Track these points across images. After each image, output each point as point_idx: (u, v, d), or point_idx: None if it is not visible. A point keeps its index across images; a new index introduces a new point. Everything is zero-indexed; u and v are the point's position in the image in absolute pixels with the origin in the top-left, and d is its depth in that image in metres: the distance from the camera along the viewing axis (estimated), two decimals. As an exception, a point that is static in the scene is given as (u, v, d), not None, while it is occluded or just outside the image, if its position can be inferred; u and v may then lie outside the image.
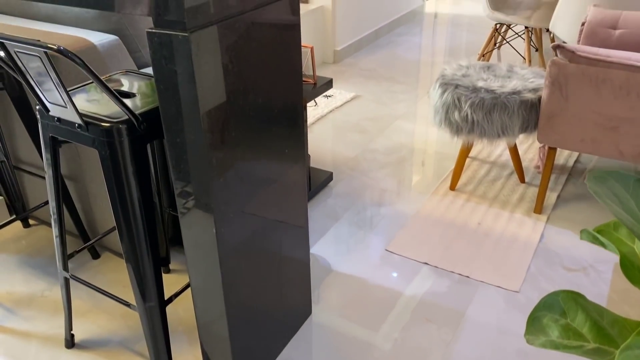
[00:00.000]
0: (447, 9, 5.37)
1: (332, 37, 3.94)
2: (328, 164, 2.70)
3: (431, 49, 4.30)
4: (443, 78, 2.35)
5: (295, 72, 1.50)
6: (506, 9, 3.35)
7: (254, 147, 1.39)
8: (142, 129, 1.34)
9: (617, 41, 2.44)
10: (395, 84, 3.65)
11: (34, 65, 1.25)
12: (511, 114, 2.19)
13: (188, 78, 1.14)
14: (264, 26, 1.32)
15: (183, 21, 1.09)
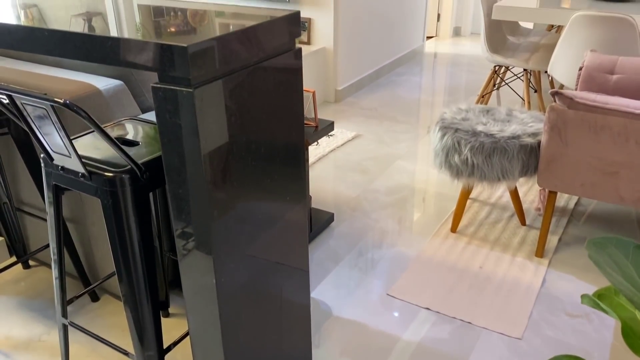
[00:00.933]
0: (447, 49, 5.46)
1: (333, 76, 4.00)
2: (329, 205, 2.71)
3: (431, 89, 4.36)
4: (443, 121, 2.38)
5: (297, 116, 1.52)
6: (504, 52, 3.41)
7: (255, 189, 1.40)
8: (144, 178, 1.35)
9: (615, 86, 2.48)
10: (396, 123, 3.68)
11: (40, 117, 1.27)
12: (511, 158, 2.21)
13: (191, 131, 1.16)
14: (268, 76, 1.34)
15: (188, 77, 1.11)
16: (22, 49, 1.32)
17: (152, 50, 1.12)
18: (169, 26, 1.26)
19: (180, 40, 1.11)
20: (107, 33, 1.31)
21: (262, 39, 1.29)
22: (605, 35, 2.64)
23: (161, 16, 1.38)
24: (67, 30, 1.22)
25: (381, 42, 4.50)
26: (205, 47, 1.12)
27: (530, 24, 4.86)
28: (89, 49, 1.20)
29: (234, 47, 1.20)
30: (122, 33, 1.26)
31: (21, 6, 1.87)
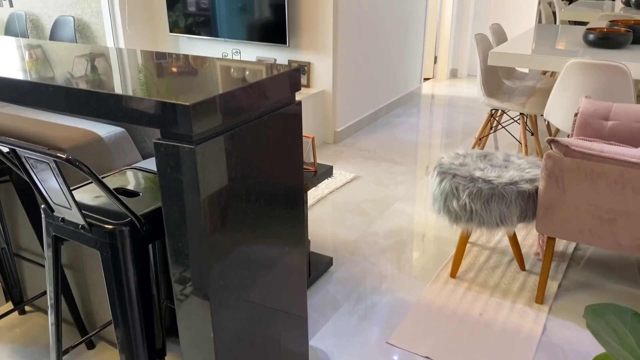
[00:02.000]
0: (444, 91, 5.55)
1: (332, 118, 4.05)
2: (328, 248, 2.70)
3: (429, 130, 4.40)
4: (441, 166, 2.40)
5: (297, 163, 1.53)
6: (501, 96, 3.46)
7: (254, 234, 1.40)
8: (144, 230, 1.35)
9: (610, 132, 2.51)
10: (394, 165, 3.71)
11: (42, 170, 1.29)
12: (509, 204, 2.22)
13: (192, 187, 1.17)
14: (269, 129, 1.37)
15: (190, 134, 1.13)
16: (27, 104, 1.34)
17: (155, 107, 1.14)
18: (171, 75, 1.29)
19: (183, 95, 1.14)
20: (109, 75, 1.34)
21: (264, 94, 1.31)
22: (599, 82, 2.69)
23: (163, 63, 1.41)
24: (71, 87, 1.25)
25: (379, 84, 4.58)
26: (208, 105, 1.14)
27: (525, 69, 4.96)
28: (92, 106, 1.22)
29: (236, 103, 1.22)
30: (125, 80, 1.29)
31: (26, 47, 1.91)
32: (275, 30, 3.85)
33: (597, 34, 3.03)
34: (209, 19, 4.09)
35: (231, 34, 4.04)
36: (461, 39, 5.85)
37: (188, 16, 4.16)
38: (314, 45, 3.90)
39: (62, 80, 1.31)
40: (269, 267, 1.49)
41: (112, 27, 4.30)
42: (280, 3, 3.73)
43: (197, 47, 4.46)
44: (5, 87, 1.37)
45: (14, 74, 1.38)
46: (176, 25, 4.25)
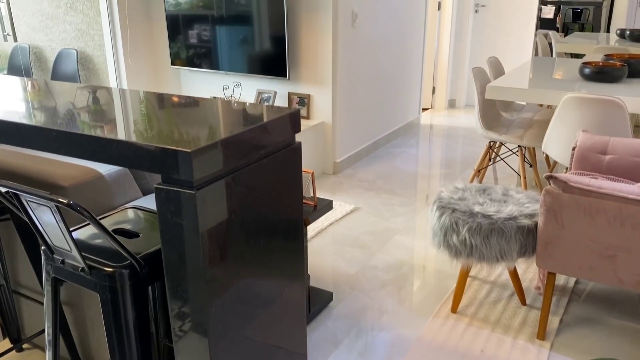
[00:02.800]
0: (442, 121, 5.59)
1: (332, 149, 4.07)
2: (328, 282, 2.69)
3: (428, 161, 4.43)
4: (440, 201, 2.41)
5: (296, 198, 1.54)
6: (499, 128, 3.49)
7: (253, 271, 1.40)
8: (144, 273, 1.35)
9: (608, 166, 2.53)
10: (394, 196, 3.72)
11: (43, 212, 1.29)
12: (509, 239, 2.22)
13: (192, 231, 1.18)
14: (269, 170, 1.38)
15: (191, 180, 1.14)
16: (30, 146, 1.36)
17: (156, 153, 1.15)
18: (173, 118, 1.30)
19: (185, 140, 1.15)
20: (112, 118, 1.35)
21: (265, 136, 1.33)
22: (596, 116, 2.72)
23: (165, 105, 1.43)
24: (74, 131, 1.26)
25: (378, 115, 4.62)
26: (209, 150, 1.15)
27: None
28: (95, 150, 1.24)
29: (237, 147, 1.24)
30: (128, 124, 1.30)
31: (28, 88, 1.94)
32: (276, 63, 3.90)
33: (593, 68, 3.08)
34: (210, 51, 4.15)
35: (232, 66, 4.10)
36: (459, 70, 5.92)
37: (189, 48, 4.22)
38: (314, 78, 3.95)
39: (65, 124, 1.33)
40: (269, 303, 1.49)
41: (115, 59, 4.36)
42: (281, 36, 3.79)
43: (198, 80, 4.51)
44: (8, 130, 1.39)
45: (16, 117, 1.40)
46: (178, 57, 4.30)
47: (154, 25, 4.48)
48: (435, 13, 5.59)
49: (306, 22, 3.85)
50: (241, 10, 3.89)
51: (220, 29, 4.04)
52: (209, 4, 4.01)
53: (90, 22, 4.64)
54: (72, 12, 4.69)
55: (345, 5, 3.85)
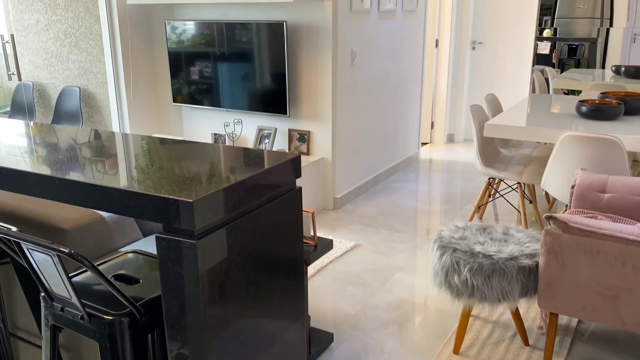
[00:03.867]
0: (441, 156, 5.63)
1: (332, 185, 4.08)
2: (328, 322, 2.66)
3: (428, 196, 4.44)
4: (441, 240, 2.41)
5: (297, 240, 1.54)
6: (498, 165, 3.51)
7: (253, 313, 1.38)
8: (143, 320, 1.34)
9: (607, 205, 2.53)
10: (394, 232, 3.71)
11: (44, 260, 1.29)
12: (510, 279, 2.21)
13: (193, 281, 1.18)
14: (270, 216, 1.38)
15: (192, 230, 1.14)
16: (31, 194, 1.37)
17: (158, 203, 1.16)
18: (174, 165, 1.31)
19: (186, 189, 1.16)
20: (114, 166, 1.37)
21: (266, 184, 1.34)
22: (594, 155, 2.74)
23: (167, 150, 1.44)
24: (76, 180, 1.28)
25: (378, 150, 4.65)
26: (210, 200, 1.16)
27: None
28: (96, 199, 1.24)
29: (239, 195, 1.25)
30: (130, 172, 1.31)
31: (29, 133, 1.96)
32: (276, 101, 3.95)
33: (590, 106, 3.11)
34: (212, 88, 4.20)
35: (233, 103, 4.15)
36: (457, 105, 5.99)
37: (191, 84, 4.28)
38: (314, 115, 4.00)
39: (67, 172, 1.34)
40: (269, 346, 1.47)
41: (117, 97, 4.41)
42: (281, 74, 3.85)
43: (199, 117, 4.56)
44: (9, 177, 1.40)
45: (18, 164, 1.41)
46: (179, 94, 4.36)
47: (156, 63, 4.56)
48: (433, 50, 5.69)
49: (306, 61, 3.92)
50: (242, 48, 3.96)
51: (222, 67, 4.11)
52: (210, 41, 4.08)
53: (93, 60, 4.72)
54: (76, 51, 4.77)
55: (345, 44, 3.92)
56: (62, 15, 4.76)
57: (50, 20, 4.83)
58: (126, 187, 1.21)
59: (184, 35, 4.17)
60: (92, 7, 4.58)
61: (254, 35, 3.89)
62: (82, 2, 4.62)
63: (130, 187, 1.21)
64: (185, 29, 4.16)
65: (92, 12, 4.59)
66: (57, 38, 4.84)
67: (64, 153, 1.54)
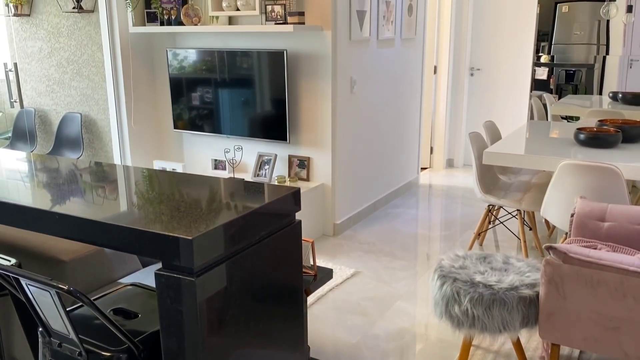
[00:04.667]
0: (441, 181, 5.64)
1: (331, 211, 4.08)
2: (329, 353, 2.64)
3: (428, 222, 4.43)
4: (441, 270, 2.40)
5: (296, 271, 1.53)
6: (497, 191, 3.52)
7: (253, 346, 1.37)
8: (142, 357, 1.33)
9: (607, 234, 2.53)
10: (394, 259, 3.70)
11: (43, 297, 1.29)
12: (511, 309, 2.20)
13: (192, 318, 1.17)
14: (269, 250, 1.38)
15: (191, 267, 1.14)
16: (33, 229, 1.37)
17: (157, 240, 1.16)
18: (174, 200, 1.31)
19: (185, 226, 1.17)
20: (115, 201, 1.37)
21: (266, 218, 1.34)
22: (593, 183, 2.75)
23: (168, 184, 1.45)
24: (76, 215, 1.28)
25: (377, 175, 4.66)
26: (210, 236, 1.17)
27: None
28: (97, 235, 1.25)
29: (238, 230, 1.25)
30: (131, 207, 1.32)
31: (31, 167, 1.97)
32: (276, 127, 3.98)
33: (588, 134, 3.13)
34: (212, 115, 4.23)
35: (233, 130, 4.17)
36: (456, 130, 6.02)
37: (192, 109, 4.31)
38: (314, 141, 4.02)
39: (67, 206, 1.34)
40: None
41: (118, 123, 4.44)
42: (281, 101, 3.89)
43: (200, 143, 4.58)
44: (10, 212, 1.40)
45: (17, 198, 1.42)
46: (180, 119, 4.39)
47: (157, 89, 4.60)
48: (432, 76, 5.74)
49: (306, 88, 3.96)
50: (243, 75, 4.01)
51: (223, 93, 4.14)
52: (211, 67, 4.13)
53: (95, 87, 4.76)
54: (78, 78, 4.82)
55: (344, 72, 3.96)
56: (65, 43, 4.82)
57: (53, 47, 4.89)
58: (126, 224, 1.21)
59: (185, 62, 4.22)
60: (95, 35, 4.64)
61: (254, 63, 3.94)
62: (85, 30, 4.69)
63: (130, 223, 1.21)
64: (186, 56, 4.21)
65: (95, 40, 4.65)
66: (60, 65, 4.89)
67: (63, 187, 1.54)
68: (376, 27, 4.26)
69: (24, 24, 5.00)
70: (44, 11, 4.86)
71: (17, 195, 1.45)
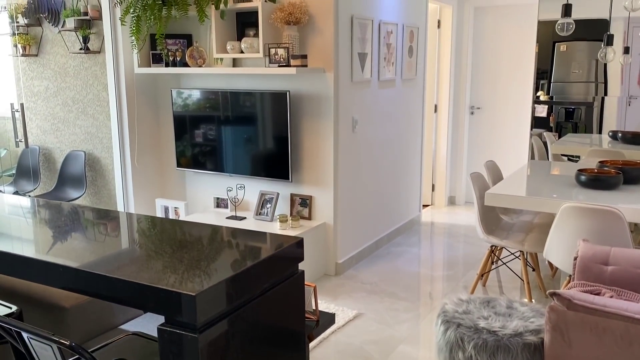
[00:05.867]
0: (443, 218, 5.63)
1: (333, 250, 4.07)
2: (330, 399, 2.59)
3: (430, 262, 4.41)
4: (445, 315, 2.38)
5: (299, 318, 1.52)
6: (499, 232, 3.51)
7: None
8: (142, 412, 1.32)
9: (611, 277, 2.52)
10: (397, 300, 3.67)
11: (44, 351, 1.28)
12: (515, 356, 2.17)
13: (194, 375, 1.16)
14: (272, 302, 1.38)
15: (194, 323, 1.14)
16: (36, 280, 1.37)
17: (161, 295, 1.16)
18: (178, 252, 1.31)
19: (189, 281, 1.17)
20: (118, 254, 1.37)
21: (268, 271, 1.34)
22: (595, 226, 2.75)
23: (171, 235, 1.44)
24: (80, 268, 1.28)
25: (379, 213, 4.66)
26: (213, 291, 1.17)
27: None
28: (100, 288, 1.25)
29: (241, 285, 1.25)
30: (133, 260, 1.32)
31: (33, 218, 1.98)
32: (279, 166, 4.00)
33: (589, 176, 3.15)
34: (215, 153, 4.26)
35: (236, 168, 4.20)
36: (457, 168, 6.05)
37: (195, 146, 4.34)
38: (316, 180, 4.04)
39: (68, 258, 1.35)
40: None
41: (121, 162, 4.48)
42: (284, 141, 3.92)
43: (202, 181, 4.60)
44: (12, 262, 1.40)
45: (20, 250, 1.43)
46: (183, 156, 4.42)
47: (161, 128, 4.65)
48: (432, 114, 5.81)
49: (308, 127, 4.00)
50: (246, 115, 4.06)
51: (226, 132, 4.19)
52: (215, 106, 4.18)
53: (99, 126, 4.82)
54: (83, 116, 4.88)
55: (346, 112, 4.01)
56: (71, 82, 4.90)
57: (59, 87, 4.97)
58: (129, 278, 1.21)
59: (190, 100, 4.29)
60: (101, 75, 4.72)
61: (257, 103, 3.99)
62: (91, 70, 4.77)
63: (133, 277, 1.22)
64: (190, 95, 4.27)
65: (101, 80, 4.73)
66: (65, 104, 4.96)
67: (65, 236, 1.55)
68: (377, 69, 4.34)
69: (32, 63, 5.10)
70: (52, 52, 4.96)
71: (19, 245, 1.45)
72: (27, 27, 5.00)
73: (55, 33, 4.89)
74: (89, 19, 4.64)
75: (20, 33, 4.99)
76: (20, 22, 4.97)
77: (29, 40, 5.01)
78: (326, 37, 3.77)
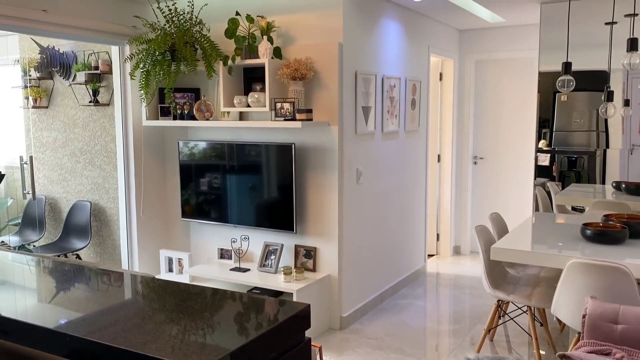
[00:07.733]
0: (448, 269, 5.59)
1: (338, 303, 4.03)
2: None
3: (436, 315, 4.35)
4: (452, 376, 2.33)
5: None
6: (506, 286, 3.48)
7: None
8: None
9: (621, 337, 2.48)
10: (403, 356, 3.60)
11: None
12: (526, 421, 2.11)
13: None
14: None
15: (200, 398, 1.12)
16: (40, 348, 1.36)
17: (167, 369, 1.15)
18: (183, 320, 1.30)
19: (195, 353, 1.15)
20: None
21: (274, 341, 1.33)
22: (602, 282, 2.73)
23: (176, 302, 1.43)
24: (85, 337, 1.28)
25: (384, 265, 4.63)
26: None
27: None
28: (106, 358, 1.24)
29: (246, 356, 1.24)
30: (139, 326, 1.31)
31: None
32: (283, 218, 4.01)
33: (594, 231, 3.14)
34: (220, 204, 4.28)
35: (240, 219, 4.21)
36: (461, 217, 6.05)
37: (199, 194, 4.36)
38: (320, 231, 4.04)
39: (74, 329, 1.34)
40: None
41: (127, 212, 4.49)
42: (288, 193, 3.94)
43: (207, 232, 4.61)
44: (16, 330, 1.40)
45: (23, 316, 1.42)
46: (188, 204, 4.43)
47: (167, 179, 4.69)
48: (435, 164, 5.85)
49: (313, 179, 4.03)
50: (252, 166, 4.10)
51: (231, 184, 4.22)
52: (221, 157, 4.23)
53: (106, 177, 4.86)
54: (90, 167, 4.94)
55: (350, 164, 4.05)
56: (79, 133, 4.98)
57: (67, 138, 5.05)
58: (136, 350, 1.20)
59: (196, 150, 4.34)
60: (109, 127, 4.80)
61: (263, 156, 4.04)
62: (100, 122, 4.86)
63: (140, 349, 1.21)
64: (197, 144, 4.33)
65: (109, 132, 4.81)
66: (73, 155, 5.03)
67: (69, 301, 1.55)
68: (381, 121, 4.41)
69: (42, 115, 5.20)
70: (62, 104, 5.07)
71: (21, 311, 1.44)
72: (39, 80, 5.13)
73: (66, 86, 5.01)
74: (99, 73, 4.76)
75: (32, 86, 5.11)
76: (33, 76, 5.10)
77: (40, 92, 5.13)
78: (331, 91, 3.85)
